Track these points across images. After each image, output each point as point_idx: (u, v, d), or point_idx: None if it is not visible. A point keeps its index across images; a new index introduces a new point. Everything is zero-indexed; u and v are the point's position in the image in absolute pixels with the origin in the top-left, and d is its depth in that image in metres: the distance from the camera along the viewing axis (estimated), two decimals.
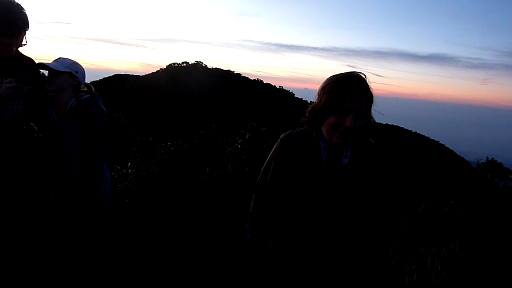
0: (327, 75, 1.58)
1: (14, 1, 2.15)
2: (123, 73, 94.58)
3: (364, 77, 1.54)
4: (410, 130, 73.76)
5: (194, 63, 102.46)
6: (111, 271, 3.09)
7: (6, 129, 2.26)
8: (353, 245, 1.62)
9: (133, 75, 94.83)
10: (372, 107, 1.56)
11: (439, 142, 67.62)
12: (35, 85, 2.27)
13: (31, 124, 2.40)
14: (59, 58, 2.41)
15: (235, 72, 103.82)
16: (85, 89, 2.49)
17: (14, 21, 2.12)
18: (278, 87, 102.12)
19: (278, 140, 1.70)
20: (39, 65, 2.35)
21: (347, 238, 1.61)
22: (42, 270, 2.56)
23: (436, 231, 4.24)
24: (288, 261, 1.66)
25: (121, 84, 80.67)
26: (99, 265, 2.97)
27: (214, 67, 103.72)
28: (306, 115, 1.62)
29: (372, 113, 1.57)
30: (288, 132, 1.70)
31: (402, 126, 75.29)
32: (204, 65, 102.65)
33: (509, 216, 5.05)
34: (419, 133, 72.42)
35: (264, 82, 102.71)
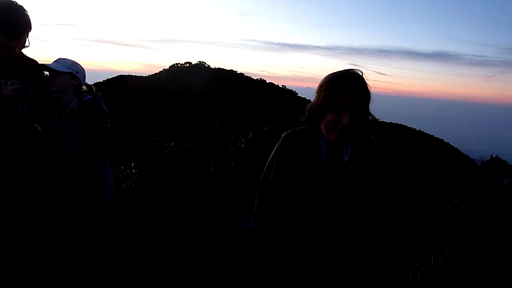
0: None
1: (16, 3, 2.16)
2: (126, 74, 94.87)
3: (361, 74, 1.55)
4: (414, 128, 73.49)
5: (196, 63, 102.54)
6: (116, 270, 3.11)
7: (11, 130, 2.28)
8: (356, 243, 1.63)
9: (136, 76, 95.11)
10: (370, 104, 1.57)
11: (443, 140, 67.34)
12: (39, 87, 2.30)
13: (35, 125, 2.42)
14: (59, 58, 2.41)
15: (238, 72, 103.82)
16: (86, 90, 2.49)
17: (17, 22, 2.13)
18: (281, 86, 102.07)
19: (280, 139, 1.72)
20: (40, 66, 2.36)
21: (350, 235, 1.61)
22: (46, 269, 2.57)
23: (440, 229, 4.23)
24: (292, 259, 1.67)
25: (124, 85, 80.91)
26: (103, 265, 2.99)
27: (217, 67, 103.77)
28: (306, 114, 1.63)
29: (371, 110, 1.58)
30: (289, 131, 1.71)
31: (406, 125, 75.02)
32: (207, 65, 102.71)
33: None
34: (423, 131, 72.13)
35: (267, 81, 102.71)
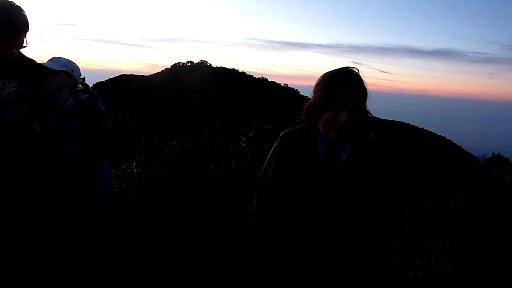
0: None
1: (13, 3, 2.16)
2: (128, 74, 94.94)
3: (357, 72, 1.55)
4: (416, 126, 73.31)
5: (198, 62, 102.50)
6: (116, 270, 3.12)
7: (9, 131, 2.29)
8: (354, 241, 1.63)
9: (138, 75, 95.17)
10: (367, 101, 1.57)
11: (446, 138, 67.14)
12: (37, 89, 2.30)
13: (34, 125, 2.42)
14: (54, 57, 2.41)
15: (240, 71, 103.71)
16: (82, 88, 2.49)
17: (14, 22, 2.13)
18: (282, 85, 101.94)
19: (278, 138, 1.72)
20: (35, 65, 2.35)
21: (348, 234, 1.62)
22: (44, 268, 2.58)
23: (441, 227, 4.23)
24: (291, 257, 1.68)
25: (126, 85, 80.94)
26: (103, 264, 3.00)
27: (219, 66, 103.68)
28: (303, 113, 1.64)
29: (368, 107, 1.59)
30: (287, 130, 1.72)
31: (408, 122, 74.84)
32: (208, 64, 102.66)
33: None
34: (426, 129, 71.95)
35: (269, 80, 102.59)
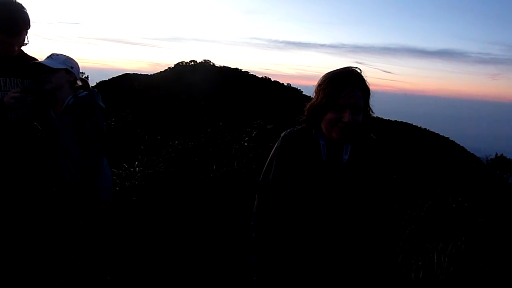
0: None
1: (14, 1, 2.16)
2: (132, 73, 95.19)
3: (359, 72, 1.54)
4: (419, 126, 73.17)
5: (202, 61, 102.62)
6: (118, 268, 3.12)
7: (9, 129, 2.28)
8: (356, 242, 1.62)
9: (141, 74, 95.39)
10: (370, 101, 1.56)
11: (449, 138, 66.98)
12: (39, 96, 2.28)
13: (35, 123, 2.42)
14: (52, 54, 2.37)
15: (243, 70, 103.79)
16: (81, 85, 2.46)
17: (14, 20, 2.13)
18: (286, 84, 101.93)
19: (279, 138, 1.71)
20: (34, 64, 2.31)
21: (350, 235, 1.61)
22: (43, 267, 2.58)
23: (443, 228, 4.22)
24: (293, 258, 1.67)
25: (129, 84, 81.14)
26: (103, 263, 3.00)
27: (222, 66, 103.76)
28: (305, 113, 1.62)
29: (371, 107, 1.58)
30: (288, 130, 1.70)
31: (411, 123, 74.70)
32: (211, 64, 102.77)
33: None
34: (429, 130, 71.78)
35: (272, 79, 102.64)
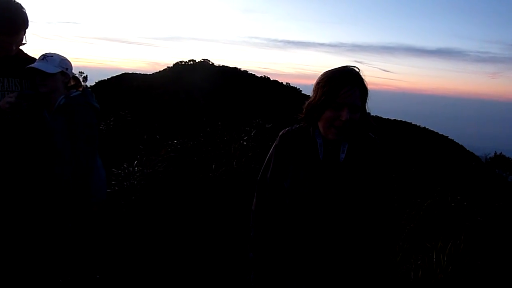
0: None
1: (14, 0, 2.13)
2: (131, 72, 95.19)
3: (358, 71, 1.55)
4: (418, 125, 73.30)
5: (200, 60, 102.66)
6: (116, 269, 3.12)
7: (5, 129, 2.25)
8: (354, 241, 1.62)
9: (140, 74, 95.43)
10: (367, 100, 1.56)
11: (448, 137, 67.12)
12: (35, 103, 2.24)
13: (30, 124, 2.38)
14: (46, 55, 2.30)
15: (242, 69, 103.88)
16: (74, 83, 2.42)
17: (12, 19, 2.11)
18: (285, 83, 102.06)
19: (278, 137, 1.72)
20: (28, 70, 2.23)
21: (347, 233, 1.61)
22: (31, 269, 2.56)
23: (442, 227, 4.22)
24: (291, 257, 1.68)
25: (128, 83, 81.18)
26: (94, 264, 2.98)
27: (221, 65, 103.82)
28: (303, 112, 1.63)
29: (368, 106, 1.58)
30: (287, 129, 1.71)
31: (410, 122, 74.83)
32: (210, 63, 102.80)
33: None
34: (428, 128, 71.92)
35: (271, 79, 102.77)
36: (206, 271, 3.23)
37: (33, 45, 2.30)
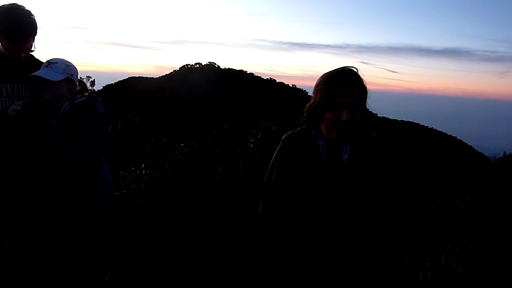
0: None
1: (23, 7, 2.16)
2: (137, 76, 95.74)
3: (356, 71, 1.56)
4: (426, 126, 72.81)
5: (207, 64, 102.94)
6: (125, 271, 3.14)
7: (15, 134, 2.27)
8: (361, 242, 1.62)
9: (147, 77, 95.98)
10: (367, 100, 1.57)
11: (456, 137, 66.57)
12: (42, 110, 2.26)
13: (37, 131, 2.40)
14: (50, 62, 2.30)
15: (248, 72, 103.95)
16: (79, 89, 2.42)
17: (22, 27, 2.13)
18: (291, 85, 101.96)
19: (281, 140, 1.73)
20: (33, 78, 2.24)
21: (353, 234, 1.61)
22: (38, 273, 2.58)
23: (451, 228, 4.19)
24: (298, 259, 1.68)
25: (135, 87, 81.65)
26: (102, 269, 3.00)
27: (227, 68, 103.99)
28: (304, 115, 1.64)
29: (369, 106, 1.59)
30: (289, 132, 1.72)
31: (418, 122, 74.36)
32: (216, 66, 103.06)
33: None
34: (436, 129, 71.39)
35: (277, 81, 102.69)
36: (214, 273, 3.23)
37: (41, 50, 2.34)
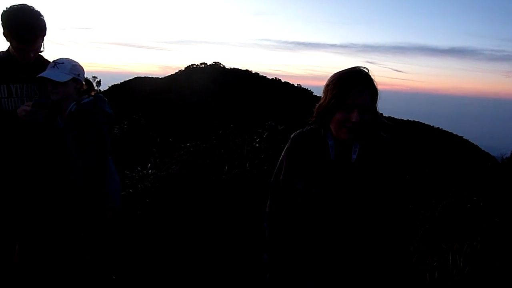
0: None
1: (32, 8, 2.17)
2: (143, 76, 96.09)
3: (367, 72, 1.54)
4: (432, 126, 72.42)
5: (212, 63, 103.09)
6: (131, 270, 3.15)
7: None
8: (368, 241, 1.62)
9: (152, 78, 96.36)
10: (377, 101, 1.56)
11: (462, 137, 66.13)
12: (51, 111, 2.28)
13: (46, 132, 2.41)
14: (57, 62, 2.29)
15: (253, 72, 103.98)
16: (86, 88, 2.41)
17: (30, 27, 2.14)
18: (296, 85, 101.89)
19: (289, 139, 1.73)
20: (39, 79, 2.25)
21: (361, 233, 1.61)
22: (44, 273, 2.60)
23: (458, 228, 4.17)
24: (305, 257, 1.68)
25: (141, 87, 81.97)
26: (114, 267, 3.01)
27: (232, 67, 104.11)
28: (314, 115, 1.64)
29: (379, 107, 1.58)
30: (298, 131, 1.72)
31: (424, 122, 73.98)
32: (222, 66, 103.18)
33: None
34: (442, 129, 70.98)
35: (282, 80, 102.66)
36: (220, 272, 3.24)
37: (48, 51, 2.33)
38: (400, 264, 1.64)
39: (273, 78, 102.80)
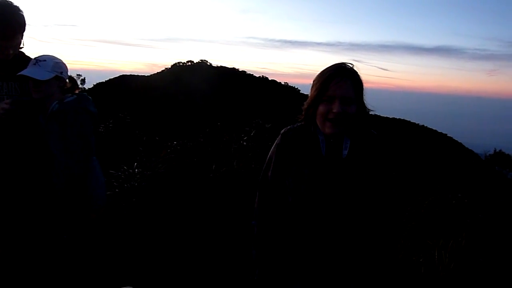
0: None
1: (11, 3, 2.10)
2: (129, 74, 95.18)
3: (351, 66, 1.58)
4: (417, 123, 73.39)
5: (199, 61, 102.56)
6: (117, 271, 3.12)
7: (3, 134, 2.21)
8: (356, 237, 1.63)
9: (138, 75, 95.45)
10: (364, 95, 1.58)
11: (447, 135, 67.22)
12: (31, 109, 2.20)
13: (26, 131, 2.34)
14: (38, 60, 2.18)
15: (240, 70, 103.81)
16: (69, 87, 2.33)
17: (9, 23, 2.07)
18: (283, 83, 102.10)
19: (279, 135, 1.73)
20: (20, 77, 2.14)
21: (350, 229, 1.62)
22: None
23: (443, 224, 4.22)
24: (293, 254, 1.68)
25: (127, 85, 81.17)
26: (100, 268, 2.97)
27: (219, 65, 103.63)
28: (303, 112, 1.65)
29: (367, 102, 1.59)
30: (288, 127, 1.72)
31: (409, 120, 74.93)
32: (208, 64, 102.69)
33: None
34: (427, 126, 72.00)
35: (269, 78, 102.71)
36: (208, 271, 3.23)
37: (31, 48, 2.15)
38: (384, 260, 1.65)
39: (260, 76, 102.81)
